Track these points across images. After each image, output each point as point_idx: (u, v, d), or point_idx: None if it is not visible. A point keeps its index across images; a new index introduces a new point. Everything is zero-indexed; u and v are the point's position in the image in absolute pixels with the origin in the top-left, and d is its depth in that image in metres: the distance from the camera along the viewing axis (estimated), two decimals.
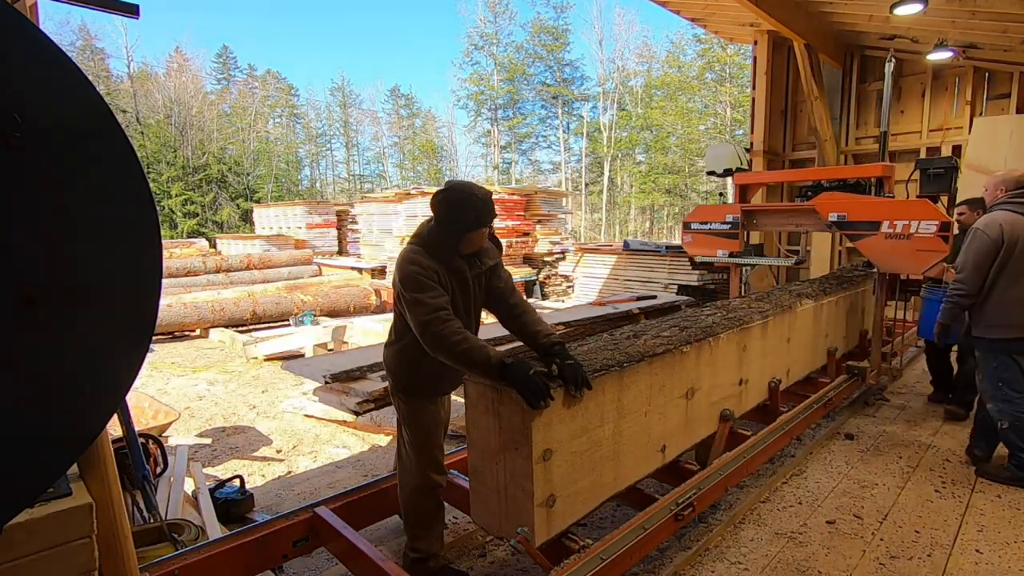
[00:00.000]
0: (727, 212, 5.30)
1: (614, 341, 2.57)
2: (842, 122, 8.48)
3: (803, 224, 5.02)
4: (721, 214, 5.33)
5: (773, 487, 3.20)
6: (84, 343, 1.09)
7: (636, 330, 2.81)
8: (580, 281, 12.55)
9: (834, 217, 4.42)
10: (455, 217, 2.14)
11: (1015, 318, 3.12)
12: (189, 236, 28.12)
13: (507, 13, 39.00)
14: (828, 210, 4.47)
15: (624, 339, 2.61)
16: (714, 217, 5.35)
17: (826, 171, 5.73)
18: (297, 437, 4.61)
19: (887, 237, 4.10)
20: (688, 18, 8.88)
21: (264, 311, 9.69)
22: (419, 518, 2.36)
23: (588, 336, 4.50)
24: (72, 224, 1.05)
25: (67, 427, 1.11)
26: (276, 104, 43.70)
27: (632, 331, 2.79)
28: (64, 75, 1.04)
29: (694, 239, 5.53)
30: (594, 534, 2.62)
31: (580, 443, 2.07)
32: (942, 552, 2.57)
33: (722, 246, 5.27)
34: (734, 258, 5.26)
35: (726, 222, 5.24)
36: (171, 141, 33.74)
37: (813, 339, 4.06)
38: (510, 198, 13.61)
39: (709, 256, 5.42)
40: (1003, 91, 7.19)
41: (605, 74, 37.73)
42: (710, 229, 5.34)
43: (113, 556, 1.55)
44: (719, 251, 5.29)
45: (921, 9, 5.52)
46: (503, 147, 40.92)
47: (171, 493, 3.03)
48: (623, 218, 37.78)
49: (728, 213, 5.28)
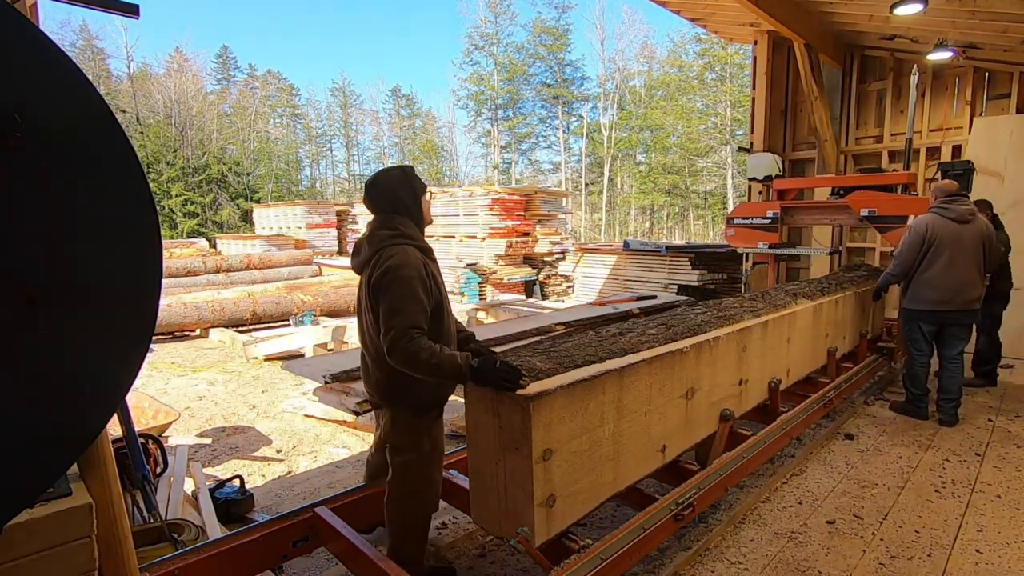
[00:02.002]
0: (767, 208, 5.94)
1: (599, 338, 2.58)
2: (842, 122, 8.48)
3: (837, 219, 5.66)
4: (762, 210, 5.97)
5: (773, 487, 3.20)
6: (84, 343, 1.09)
7: (623, 328, 2.81)
8: (580, 281, 12.55)
9: (865, 212, 5.13)
10: (409, 189, 2.23)
11: (925, 295, 4.08)
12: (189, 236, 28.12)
13: (507, 13, 39.06)
14: (860, 206, 5.14)
15: (609, 336, 2.61)
16: (755, 213, 5.99)
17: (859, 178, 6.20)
18: (297, 437, 4.61)
19: None
20: (688, 18, 8.87)
21: (264, 311, 9.69)
22: (423, 532, 2.30)
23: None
24: (72, 224, 1.05)
25: (67, 427, 1.11)
26: (276, 104, 43.72)
27: (619, 328, 2.79)
28: (64, 75, 1.04)
29: (737, 232, 6.13)
30: (594, 534, 2.62)
31: (580, 443, 2.07)
32: (942, 552, 2.57)
33: (762, 238, 5.94)
34: (773, 249, 5.93)
35: (766, 217, 5.88)
36: (171, 141, 33.75)
37: (813, 339, 4.07)
38: (510, 198, 13.60)
39: (750, 247, 6.08)
40: (1003, 91, 7.18)
41: (606, 74, 37.77)
42: (752, 223, 5.98)
43: (113, 556, 1.55)
44: (760, 243, 5.95)
45: (921, 9, 5.52)
46: (503, 147, 40.93)
47: (171, 493, 3.03)
48: (623, 218, 37.79)
49: (768, 209, 5.92)
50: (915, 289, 4.13)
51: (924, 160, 7.68)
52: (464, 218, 13.85)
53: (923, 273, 4.06)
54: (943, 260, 3.98)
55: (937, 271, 4.00)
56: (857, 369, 4.58)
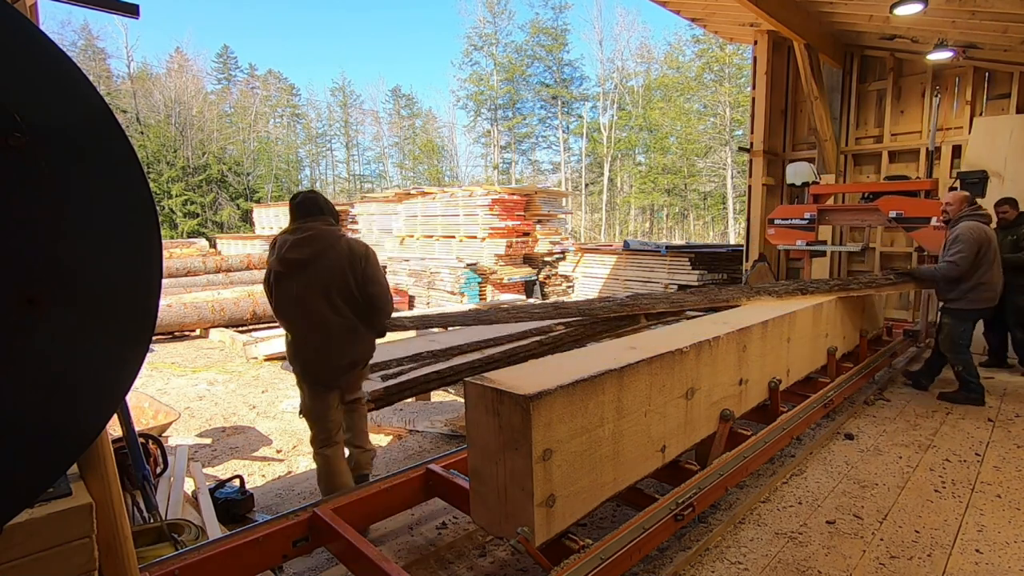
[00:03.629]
0: (805, 211, 6.60)
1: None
2: (842, 122, 8.48)
3: (867, 220, 6.39)
4: (800, 212, 6.65)
5: (773, 487, 3.20)
6: (84, 343, 1.09)
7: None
8: (580, 281, 12.56)
9: (894, 214, 5.78)
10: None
11: (984, 295, 4.38)
12: (189, 236, 28.13)
13: (506, 14, 39.09)
14: (889, 208, 5.78)
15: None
16: (794, 215, 6.69)
17: (885, 184, 6.78)
18: (297, 437, 4.61)
19: (935, 228, 5.38)
20: (688, 18, 8.87)
21: (264, 311, 9.69)
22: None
23: (587, 337, 4.51)
24: (72, 224, 1.05)
25: (67, 427, 1.11)
26: (277, 104, 43.74)
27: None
28: (64, 75, 1.04)
29: (777, 231, 6.83)
30: (594, 534, 2.62)
31: (580, 443, 2.07)
32: (942, 552, 2.57)
33: (801, 237, 6.62)
34: (810, 246, 6.65)
35: (804, 218, 6.57)
36: (171, 141, 33.75)
37: (813, 339, 4.07)
38: (510, 198, 13.61)
39: (789, 245, 6.79)
40: (1003, 91, 7.18)
41: (605, 74, 37.77)
42: (791, 224, 6.70)
43: (113, 556, 1.55)
44: (798, 241, 6.66)
45: (921, 9, 5.53)
46: (503, 147, 40.93)
47: (171, 493, 3.03)
48: (623, 218, 37.79)
49: (806, 211, 6.59)
50: (975, 291, 4.38)
51: (924, 160, 7.67)
52: (464, 218, 13.85)
53: (982, 276, 4.35)
54: (996, 263, 4.42)
55: (993, 273, 4.40)
56: (857, 369, 4.59)
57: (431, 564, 2.58)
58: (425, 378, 3.79)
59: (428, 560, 2.60)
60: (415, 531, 2.83)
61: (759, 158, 8.70)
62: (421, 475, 2.75)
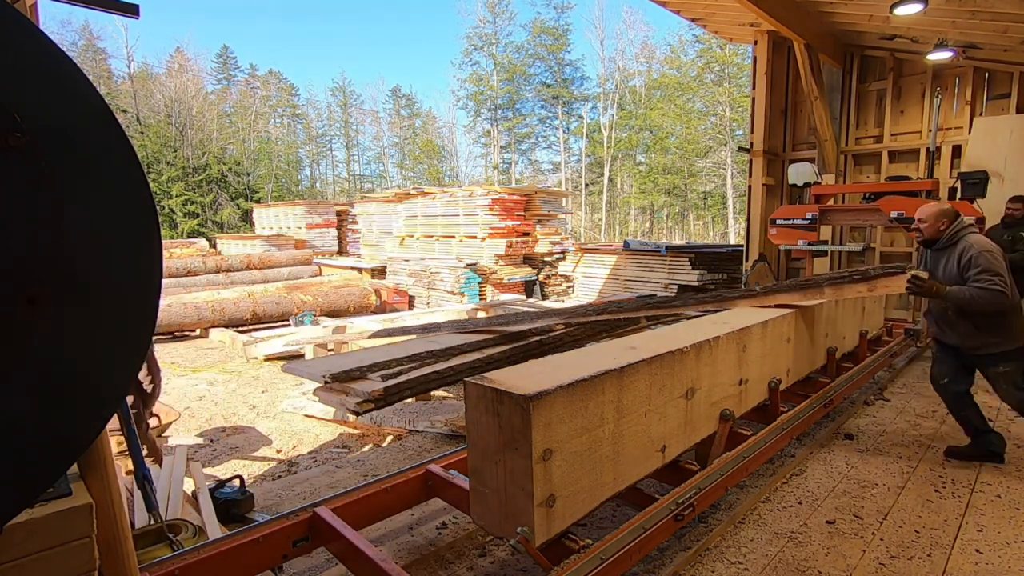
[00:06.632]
0: (807, 211, 6.60)
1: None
2: (842, 122, 8.48)
3: (868, 220, 6.39)
4: (802, 212, 6.64)
5: (773, 487, 3.20)
6: (84, 343, 1.09)
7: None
8: (580, 281, 12.56)
9: (895, 214, 5.78)
10: None
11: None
12: (189, 236, 28.13)
13: (506, 14, 39.07)
14: (890, 209, 5.81)
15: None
16: (796, 215, 6.67)
17: (886, 185, 6.82)
18: (297, 437, 4.61)
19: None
20: (688, 18, 8.87)
21: (264, 311, 9.70)
22: None
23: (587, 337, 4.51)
24: (72, 224, 1.05)
25: (67, 427, 1.11)
26: (277, 104, 43.73)
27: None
28: (64, 75, 1.04)
29: (779, 231, 6.80)
30: (594, 534, 2.62)
31: (580, 443, 2.07)
32: (942, 552, 2.57)
33: (802, 237, 6.63)
34: (812, 246, 6.63)
35: (806, 219, 6.56)
36: (171, 141, 33.75)
37: (813, 339, 4.07)
38: (510, 198, 13.61)
39: (791, 245, 6.77)
40: (1003, 91, 7.18)
41: (606, 74, 37.75)
42: (793, 224, 6.67)
43: (113, 556, 1.55)
44: (800, 241, 6.65)
45: (921, 9, 5.53)
46: (503, 147, 40.91)
47: (171, 493, 3.03)
48: (623, 218, 37.79)
49: (808, 211, 6.58)
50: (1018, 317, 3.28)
51: (924, 160, 7.68)
52: (464, 218, 13.85)
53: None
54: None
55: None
56: (857, 369, 4.59)
57: (431, 564, 2.58)
58: (425, 378, 3.78)
59: (428, 560, 2.60)
60: (415, 531, 2.83)
61: (759, 158, 8.70)
62: (421, 475, 2.75)
